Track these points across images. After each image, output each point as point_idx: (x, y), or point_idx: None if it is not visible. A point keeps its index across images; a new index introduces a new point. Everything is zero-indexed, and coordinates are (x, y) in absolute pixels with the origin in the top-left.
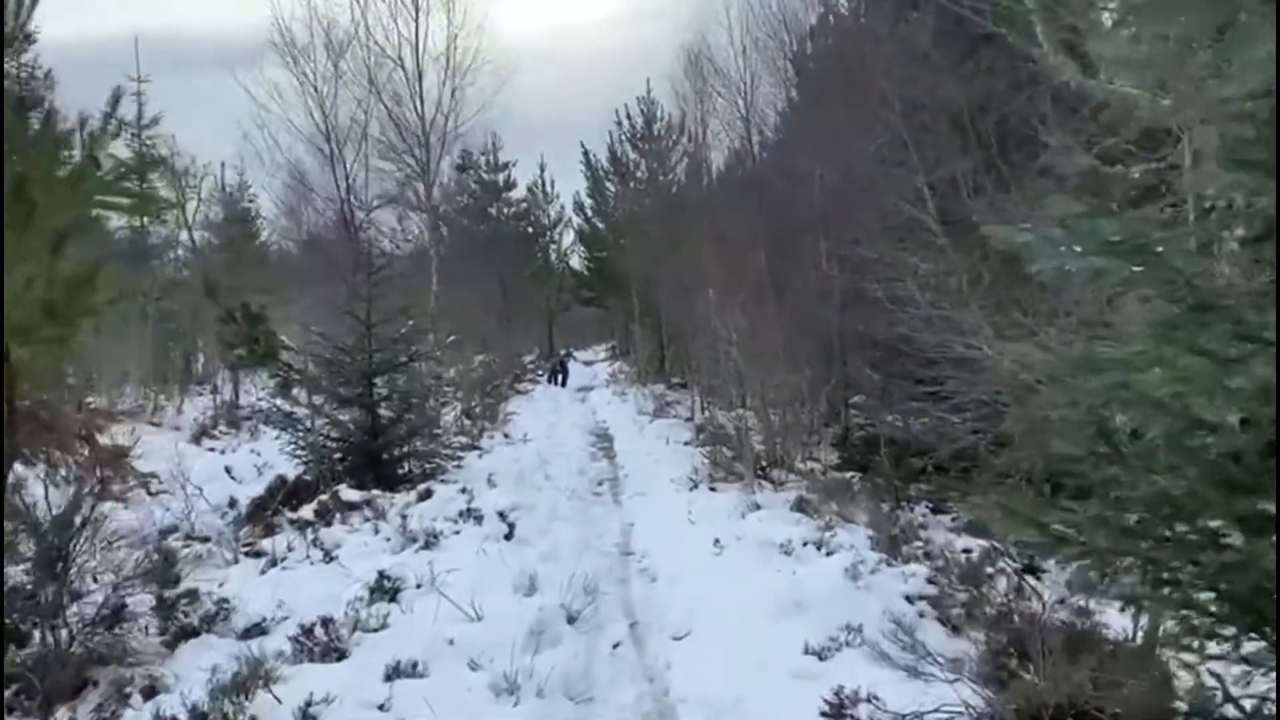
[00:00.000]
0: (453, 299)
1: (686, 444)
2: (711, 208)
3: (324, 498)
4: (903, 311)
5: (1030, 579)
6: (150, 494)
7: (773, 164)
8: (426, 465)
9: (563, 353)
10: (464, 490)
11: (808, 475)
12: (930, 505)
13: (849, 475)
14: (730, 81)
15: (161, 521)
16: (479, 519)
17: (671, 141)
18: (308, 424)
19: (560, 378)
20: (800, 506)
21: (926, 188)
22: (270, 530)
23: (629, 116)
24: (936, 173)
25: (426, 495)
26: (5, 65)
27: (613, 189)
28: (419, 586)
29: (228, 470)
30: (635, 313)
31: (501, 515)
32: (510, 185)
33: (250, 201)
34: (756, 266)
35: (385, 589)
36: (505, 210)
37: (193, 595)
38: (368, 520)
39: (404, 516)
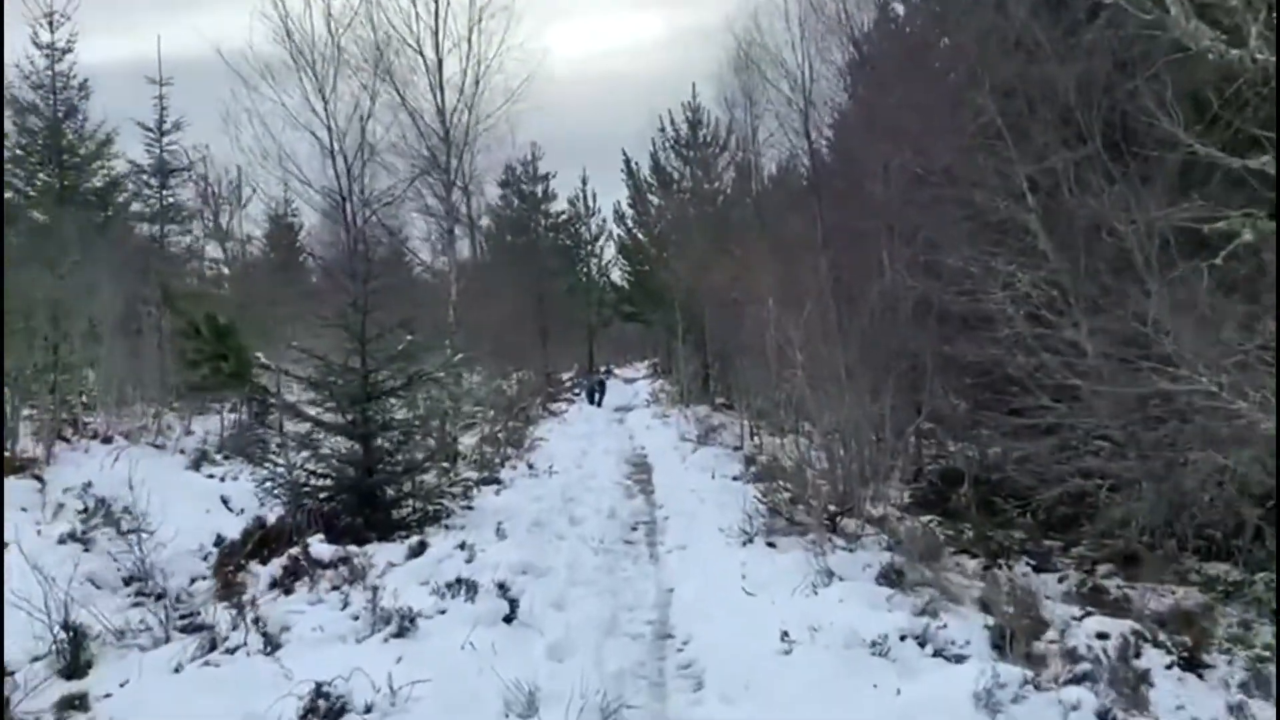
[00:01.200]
0: (486, 313)
1: (735, 479)
2: (766, 212)
3: (295, 551)
4: (990, 329)
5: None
6: (120, 533)
7: (834, 162)
8: (430, 506)
9: (601, 370)
10: (463, 546)
11: (881, 522)
12: (1031, 562)
13: (926, 520)
14: (787, 70)
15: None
16: (473, 591)
17: (718, 148)
18: (288, 457)
19: (598, 397)
20: (887, 576)
21: (1026, 182)
22: (230, 588)
23: (672, 123)
24: (1038, 164)
25: (419, 550)
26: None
27: (655, 200)
28: (368, 711)
29: (225, 501)
30: (678, 329)
31: (503, 588)
32: (550, 196)
33: (294, 215)
34: (818, 276)
35: (322, 713)
36: (544, 222)
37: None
38: (337, 588)
39: (374, 589)
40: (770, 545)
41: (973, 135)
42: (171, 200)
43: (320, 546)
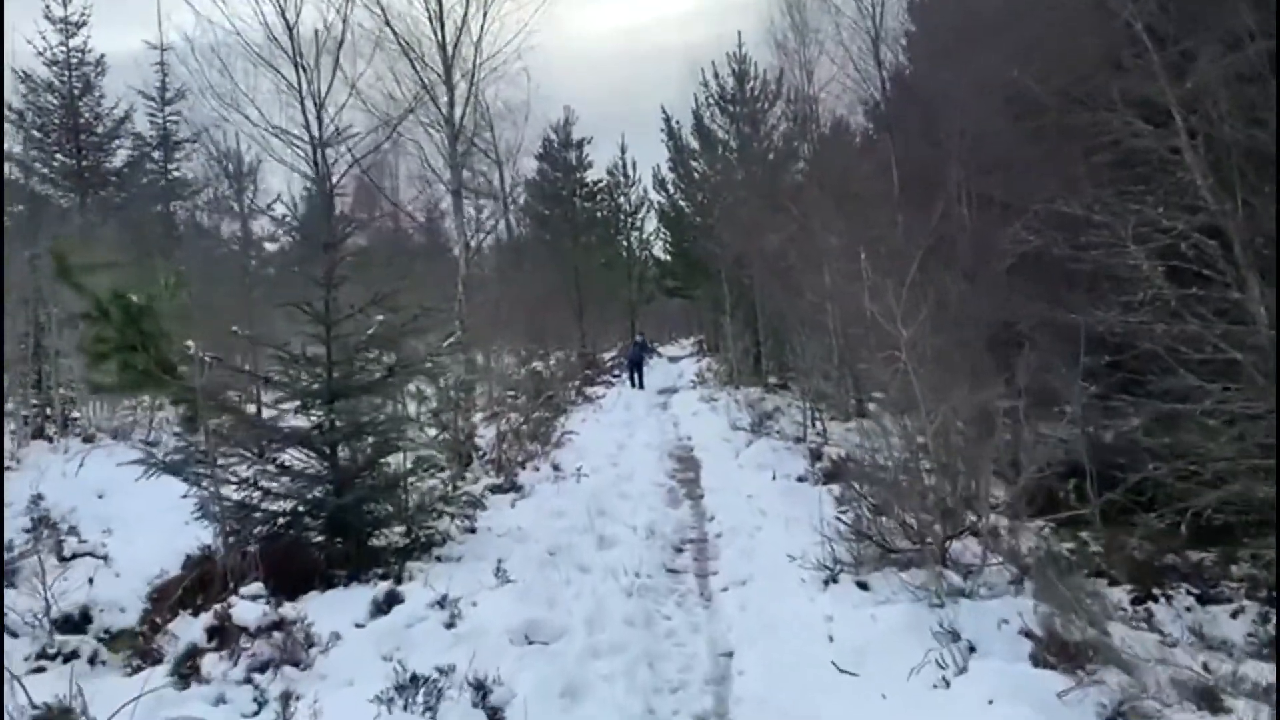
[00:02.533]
0: (519, 290)
1: (801, 480)
2: (828, 163)
3: (221, 606)
4: (1122, 291)
5: None
6: (62, 559)
7: (913, 95)
8: (420, 532)
9: (638, 339)
10: (443, 603)
11: (992, 537)
12: (1193, 590)
13: (1037, 526)
14: None
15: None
16: (434, 699)
17: (767, 101)
18: (215, 475)
19: (638, 377)
20: (1042, 644)
21: (1176, 101)
22: (146, 653)
23: (716, 76)
24: (1192, 79)
25: (386, 606)
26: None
27: (698, 165)
28: None
29: (202, 509)
30: (725, 302)
31: (481, 690)
32: (585, 165)
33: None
34: (895, 233)
35: None
36: (580, 191)
37: None
38: (262, 668)
39: (286, 699)
40: (862, 586)
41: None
42: (177, 174)
43: (245, 607)
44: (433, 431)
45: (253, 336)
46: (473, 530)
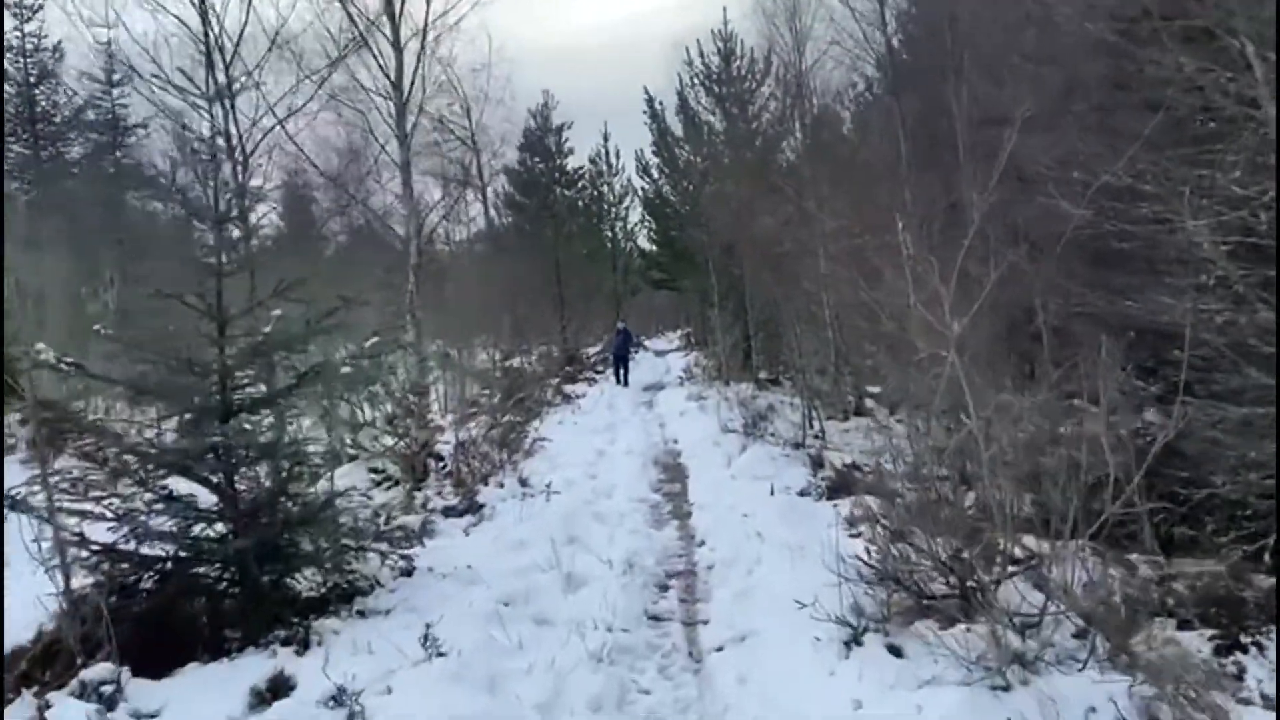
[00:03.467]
0: (497, 282)
1: (803, 494)
2: (825, 138)
3: (40, 703)
4: (1175, 274)
5: None
6: None
7: (925, 56)
8: (341, 579)
9: (620, 327)
10: (339, 698)
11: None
12: None
13: (1078, 547)
14: None
15: None
16: None
17: (755, 81)
18: (56, 513)
19: (623, 373)
20: None
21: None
22: None
23: (701, 54)
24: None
25: (270, 695)
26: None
27: (683, 152)
28: None
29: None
30: (714, 294)
31: None
32: (566, 152)
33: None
34: (905, 210)
35: None
36: (560, 178)
37: None
38: None
39: None
40: (894, 651)
41: None
42: (128, 161)
43: (67, 707)
44: (390, 440)
45: (117, 337)
46: (409, 572)
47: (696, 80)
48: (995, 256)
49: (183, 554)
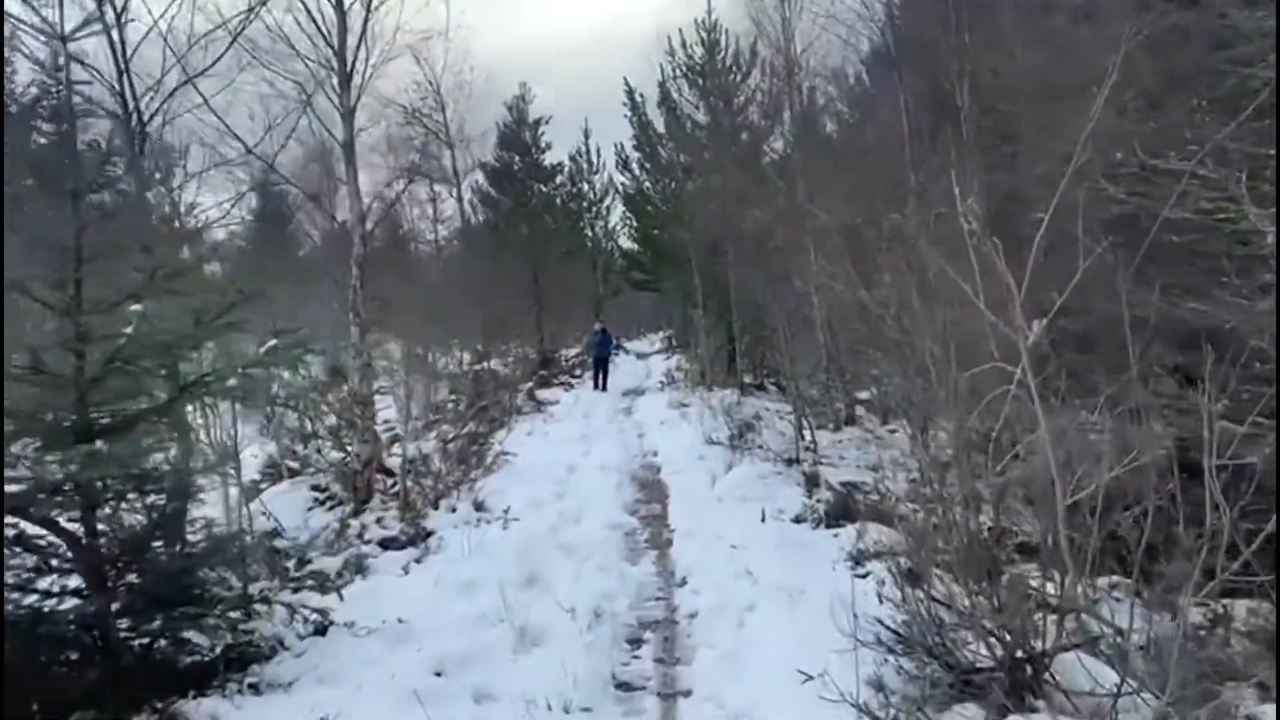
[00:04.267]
0: (468, 282)
1: (799, 521)
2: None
3: None
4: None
5: None
6: None
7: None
8: (232, 640)
9: (598, 328)
10: None
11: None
12: None
13: (1103, 584)
14: None
15: None
16: None
17: (741, 73)
18: None
19: (602, 377)
20: None
21: None
22: None
23: (684, 45)
24: None
25: None
26: None
27: (664, 150)
28: None
29: None
30: (697, 295)
31: None
32: (543, 147)
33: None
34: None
35: None
36: (537, 172)
37: None
38: None
39: None
40: None
41: None
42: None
43: None
44: (336, 455)
45: None
46: (323, 629)
47: (679, 72)
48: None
49: (22, 615)
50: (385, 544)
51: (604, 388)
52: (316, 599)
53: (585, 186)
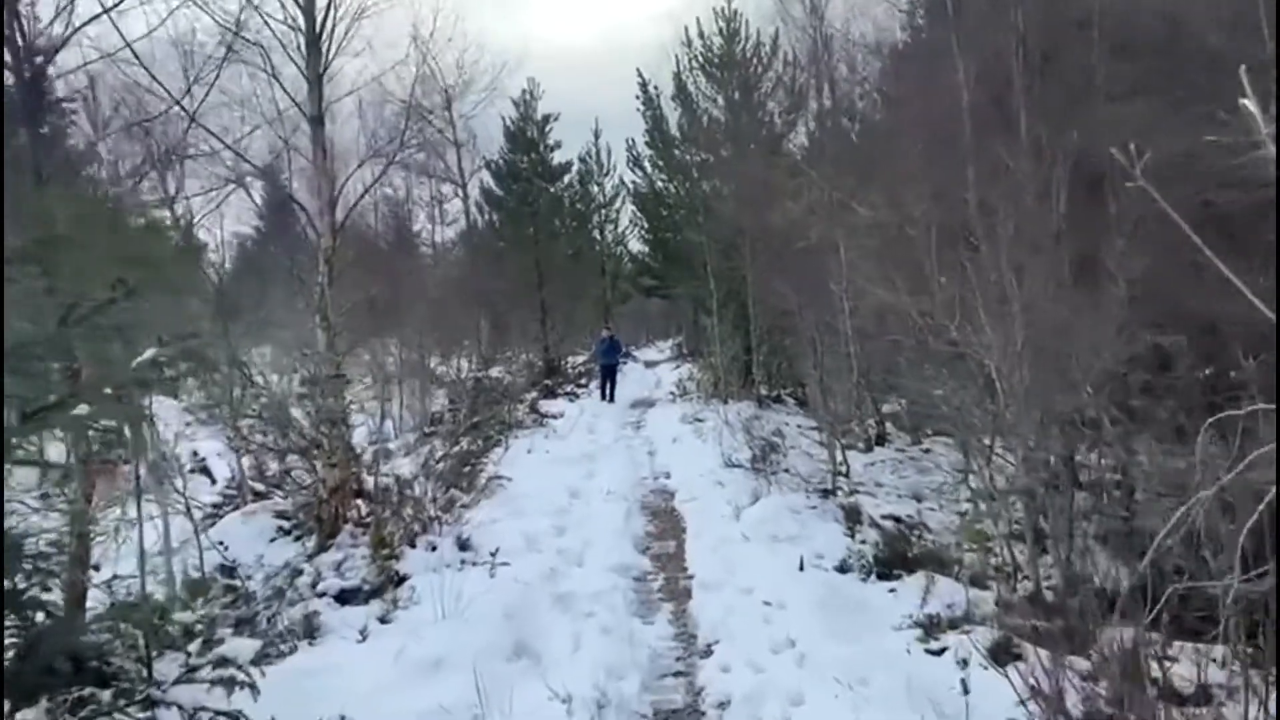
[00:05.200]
0: (471, 285)
1: (844, 570)
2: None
3: None
4: None
5: None
6: None
7: None
8: None
9: (605, 335)
10: None
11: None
12: None
13: (1170, 650)
14: None
15: None
16: None
17: (762, 64)
18: None
19: (609, 388)
20: None
21: None
22: None
23: (701, 35)
24: None
25: None
26: None
27: (678, 150)
28: None
29: None
30: (711, 300)
31: None
32: (551, 145)
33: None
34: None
35: None
36: (541, 169)
37: None
38: None
39: None
40: None
41: None
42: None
43: None
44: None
45: None
46: None
47: (695, 64)
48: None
49: None
50: (344, 597)
51: (611, 399)
52: (221, 700)
53: (595, 189)
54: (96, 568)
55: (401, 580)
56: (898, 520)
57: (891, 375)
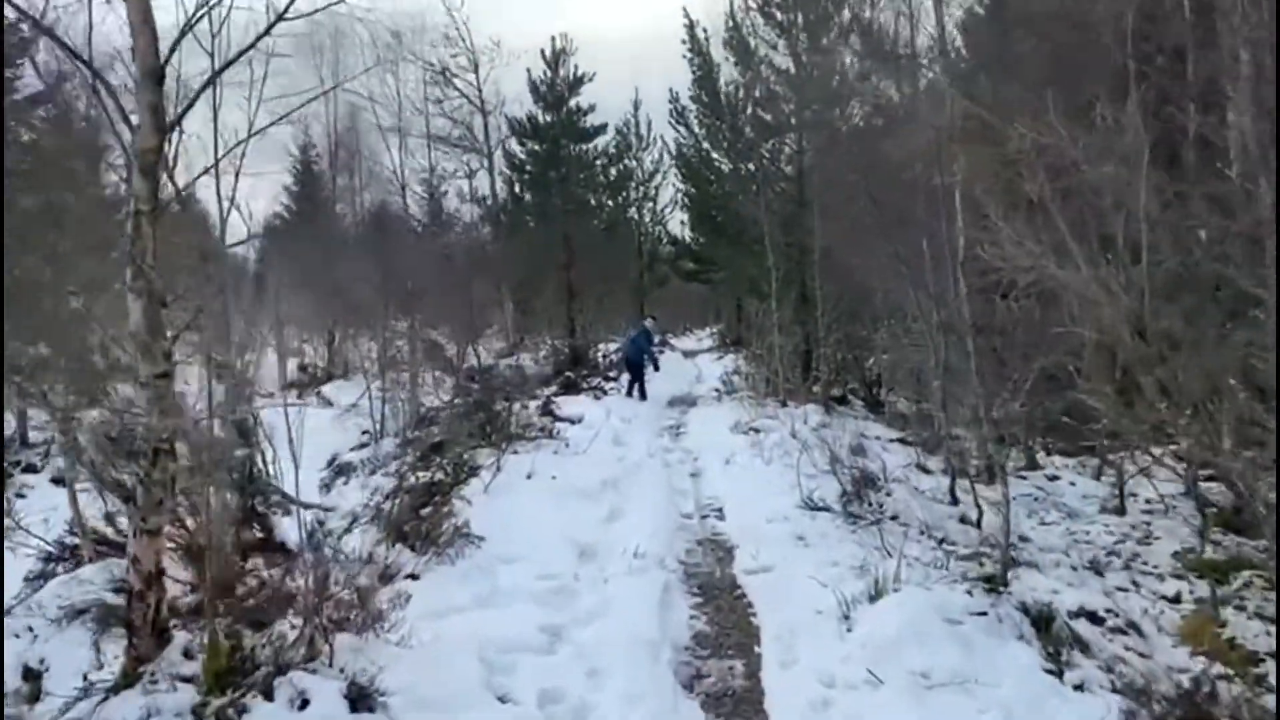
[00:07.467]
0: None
1: None
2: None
3: None
4: None
5: None
6: None
7: None
8: None
9: (648, 324)
10: None
11: None
12: None
13: None
14: None
15: None
16: None
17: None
18: None
19: (638, 387)
20: None
21: None
22: None
23: None
24: None
25: None
26: None
27: (729, 95)
28: None
29: None
30: (768, 281)
31: None
32: (580, 108)
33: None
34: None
35: None
36: (572, 131)
37: None
38: None
39: None
40: None
41: None
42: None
43: None
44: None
45: None
46: None
47: (753, 4)
48: None
49: None
50: None
51: (643, 396)
52: None
53: (633, 164)
54: None
55: None
56: (1094, 618)
57: (1055, 379)
